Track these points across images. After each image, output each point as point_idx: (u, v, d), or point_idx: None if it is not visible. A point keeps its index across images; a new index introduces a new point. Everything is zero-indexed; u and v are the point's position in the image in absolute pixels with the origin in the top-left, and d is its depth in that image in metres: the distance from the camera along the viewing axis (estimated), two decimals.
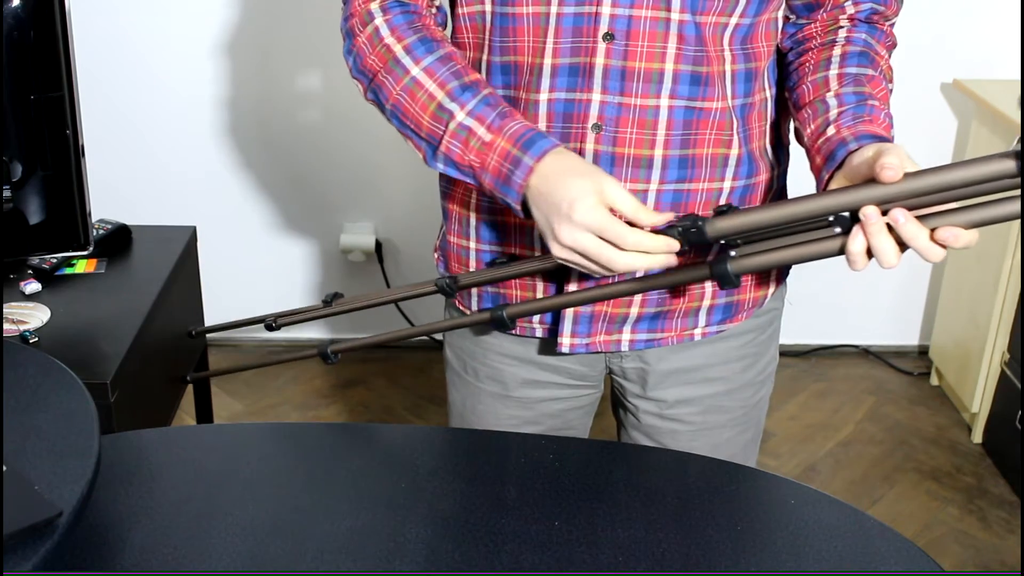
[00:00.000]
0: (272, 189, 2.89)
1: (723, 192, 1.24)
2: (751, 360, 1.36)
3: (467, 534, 1.06)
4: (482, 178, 1.16)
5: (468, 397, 1.42)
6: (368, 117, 2.82)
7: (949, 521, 2.39)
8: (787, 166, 1.35)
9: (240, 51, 2.74)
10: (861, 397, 2.86)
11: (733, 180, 1.24)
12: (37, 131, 1.49)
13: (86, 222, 1.59)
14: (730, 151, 1.22)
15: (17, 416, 1.07)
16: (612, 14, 1.14)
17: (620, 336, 1.29)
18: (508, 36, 1.19)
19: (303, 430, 1.34)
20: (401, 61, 1.19)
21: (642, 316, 1.27)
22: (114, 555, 1.02)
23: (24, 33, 1.43)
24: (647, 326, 1.29)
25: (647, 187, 1.20)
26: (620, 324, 1.28)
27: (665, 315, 1.28)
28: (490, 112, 1.15)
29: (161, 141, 2.83)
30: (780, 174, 1.32)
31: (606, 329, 1.28)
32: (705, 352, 1.33)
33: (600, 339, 1.29)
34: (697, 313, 1.29)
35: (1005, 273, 2.49)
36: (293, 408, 2.79)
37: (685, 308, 1.28)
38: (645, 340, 1.30)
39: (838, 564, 1.04)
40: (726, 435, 1.38)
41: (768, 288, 1.33)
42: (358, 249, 2.93)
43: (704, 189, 1.22)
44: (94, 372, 1.59)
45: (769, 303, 1.35)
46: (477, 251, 1.31)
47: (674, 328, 1.29)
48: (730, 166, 1.23)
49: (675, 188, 1.21)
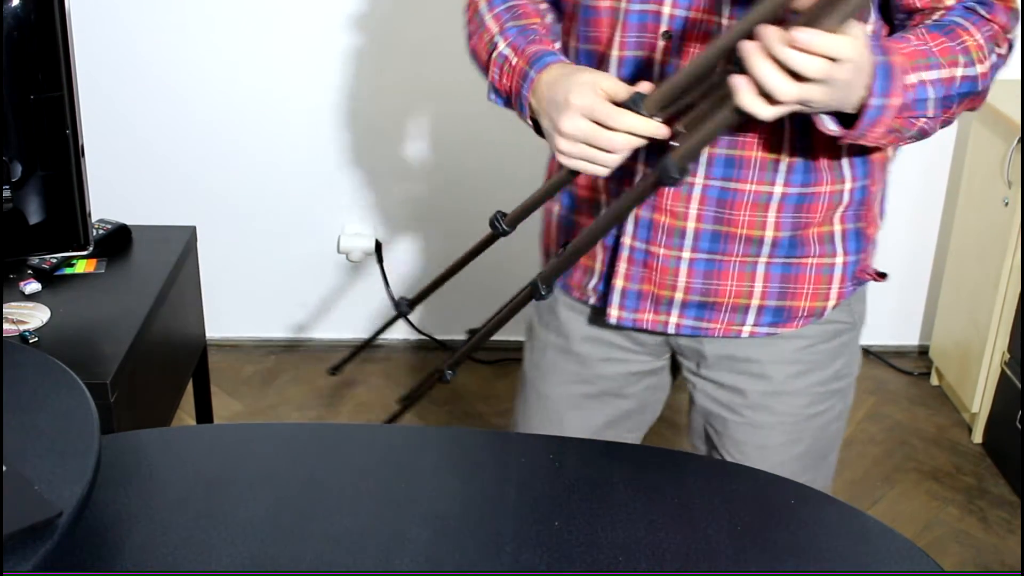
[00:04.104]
0: (272, 189, 2.89)
1: (773, 196, 1.23)
2: (806, 367, 1.34)
3: (467, 534, 1.06)
4: (512, 101, 1.27)
5: (535, 352, 1.48)
6: (368, 117, 2.82)
7: (949, 521, 2.39)
8: (868, 183, 1.28)
9: (239, 51, 2.73)
10: (861, 397, 2.86)
11: (784, 186, 1.23)
12: (37, 131, 1.49)
13: (86, 222, 1.59)
14: (780, 156, 1.22)
15: (17, 416, 1.07)
16: (671, 14, 1.19)
17: (668, 318, 1.31)
18: (589, 26, 1.26)
19: (303, 430, 1.34)
20: (480, 12, 1.33)
21: (688, 302, 1.29)
22: (114, 555, 1.02)
23: (24, 33, 1.43)
24: (694, 313, 1.30)
25: (692, 180, 1.23)
26: (667, 306, 1.30)
27: (712, 306, 1.29)
28: (523, 41, 1.26)
29: (161, 141, 2.82)
30: (856, 189, 1.27)
31: (653, 309, 1.31)
32: (756, 345, 1.33)
33: (648, 317, 1.32)
34: (746, 311, 1.29)
35: (1005, 273, 2.49)
36: (293, 408, 2.79)
37: (733, 303, 1.28)
38: (691, 327, 1.31)
39: (838, 564, 1.04)
40: (775, 440, 1.36)
41: (827, 301, 1.30)
42: (358, 249, 2.93)
43: (752, 191, 1.23)
44: (94, 372, 1.59)
45: (832, 315, 1.32)
46: (558, 215, 1.40)
47: (721, 321, 1.30)
48: (780, 171, 1.23)
49: (721, 185, 1.23)
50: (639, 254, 1.29)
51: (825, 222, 1.26)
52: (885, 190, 1.35)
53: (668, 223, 1.26)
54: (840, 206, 1.26)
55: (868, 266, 1.33)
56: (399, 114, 2.81)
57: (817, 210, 1.25)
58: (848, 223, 1.28)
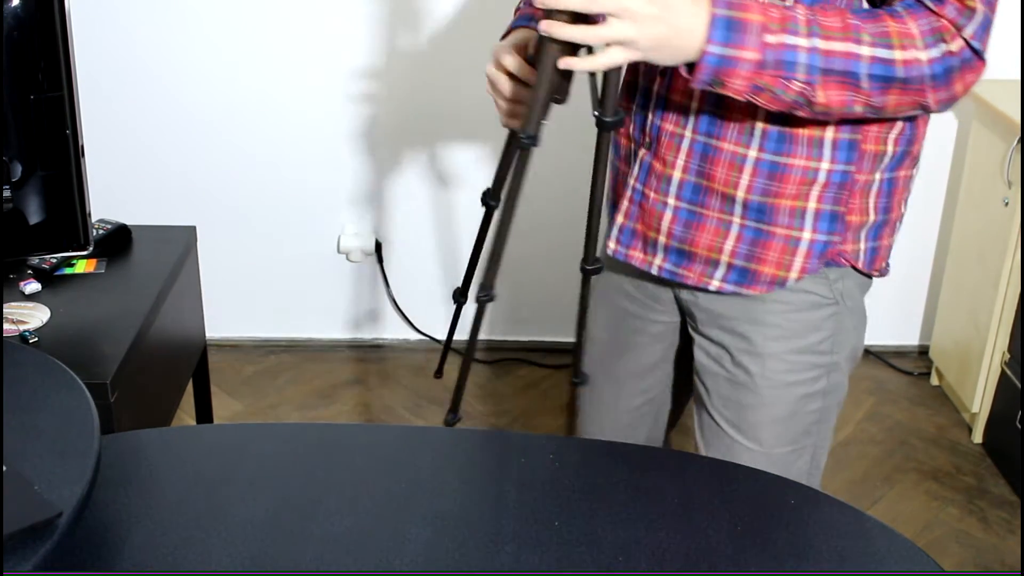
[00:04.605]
0: (272, 189, 2.89)
1: (747, 159, 1.31)
2: (783, 332, 1.40)
3: (467, 534, 1.06)
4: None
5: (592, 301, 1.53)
6: (368, 117, 2.83)
7: (949, 521, 2.39)
8: (852, 169, 1.31)
9: (239, 51, 2.73)
10: (861, 397, 2.86)
11: (759, 150, 1.30)
12: (37, 131, 1.49)
13: (86, 222, 1.59)
14: (756, 121, 1.29)
15: (17, 416, 1.07)
16: None
17: (653, 259, 1.42)
18: None
19: (303, 430, 1.34)
20: None
21: (669, 247, 1.40)
22: (114, 555, 1.02)
23: (24, 33, 1.43)
24: (674, 259, 1.40)
25: (683, 133, 1.34)
26: (653, 248, 1.41)
27: (689, 255, 1.39)
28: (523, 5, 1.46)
29: (161, 141, 2.82)
30: (835, 172, 1.31)
31: (642, 248, 1.43)
32: (739, 305, 1.40)
33: (637, 255, 1.44)
34: (717, 265, 1.38)
35: (1005, 273, 2.49)
36: (293, 408, 2.79)
37: (706, 255, 1.37)
38: (670, 271, 1.41)
39: (838, 564, 1.04)
40: (751, 400, 1.43)
41: (789, 272, 1.35)
42: (358, 249, 2.93)
43: (729, 150, 1.31)
44: (94, 372, 1.59)
45: (808, 286, 1.37)
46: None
47: (695, 271, 1.39)
48: (756, 135, 1.29)
49: (704, 140, 1.32)
50: (637, 195, 1.40)
51: (799, 197, 1.31)
52: (888, 186, 1.36)
53: (660, 169, 1.36)
54: (815, 184, 1.30)
55: (846, 252, 1.36)
56: (399, 114, 2.81)
57: (789, 181, 1.30)
58: (824, 204, 1.32)
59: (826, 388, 1.43)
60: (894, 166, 1.34)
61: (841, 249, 1.35)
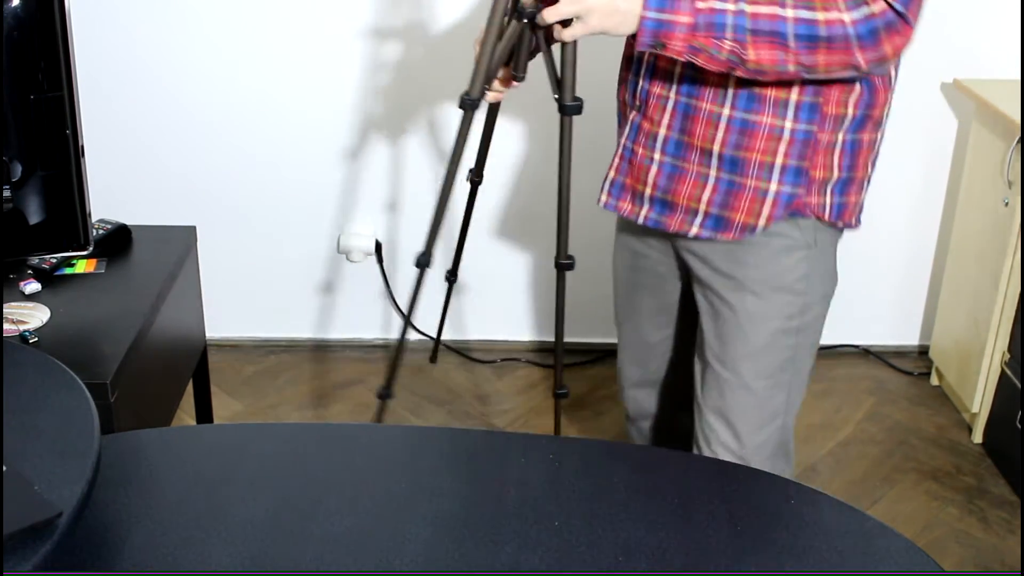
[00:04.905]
0: (272, 189, 2.89)
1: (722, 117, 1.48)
2: (760, 273, 1.56)
3: (467, 534, 1.06)
4: None
5: (614, 252, 1.81)
6: (368, 117, 2.83)
7: (949, 521, 2.39)
8: (814, 128, 1.48)
9: (239, 51, 2.73)
10: (861, 397, 2.86)
11: (731, 109, 1.47)
12: (37, 131, 1.49)
13: (86, 222, 1.59)
14: (729, 84, 1.46)
15: (17, 416, 1.07)
16: None
17: (640, 210, 1.59)
18: None
19: (303, 430, 1.34)
20: None
21: (654, 198, 1.57)
22: (114, 555, 1.02)
23: (24, 33, 1.43)
24: (658, 209, 1.57)
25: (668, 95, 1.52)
26: (640, 199, 1.59)
27: (671, 205, 1.56)
28: None
29: (161, 141, 2.82)
30: (799, 130, 1.47)
31: (630, 200, 1.60)
32: (719, 248, 1.57)
33: (626, 206, 1.61)
34: (696, 214, 1.54)
35: (1005, 273, 2.49)
36: (293, 408, 2.79)
37: (686, 205, 1.55)
38: (655, 220, 1.58)
39: (838, 564, 1.05)
40: (731, 334, 1.60)
41: (758, 219, 1.52)
42: (358, 249, 2.93)
43: (707, 109, 1.48)
44: (94, 372, 1.59)
45: (781, 229, 1.53)
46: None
47: (676, 219, 1.56)
48: (728, 96, 1.47)
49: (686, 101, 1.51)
50: (627, 152, 1.59)
51: (767, 152, 1.48)
52: (852, 147, 1.51)
53: (648, 128, 1.55)
54: (781, 141, 1.48)
55: (811, 204, 1.52)
56: (399, 114, 2.81)
57: (757, 137, 1.47)
58: (790, 159, 1.49)
59: (799, 326, 1.59)
60: (856, 128, 1.50)
61: (806, 201, 1.51)
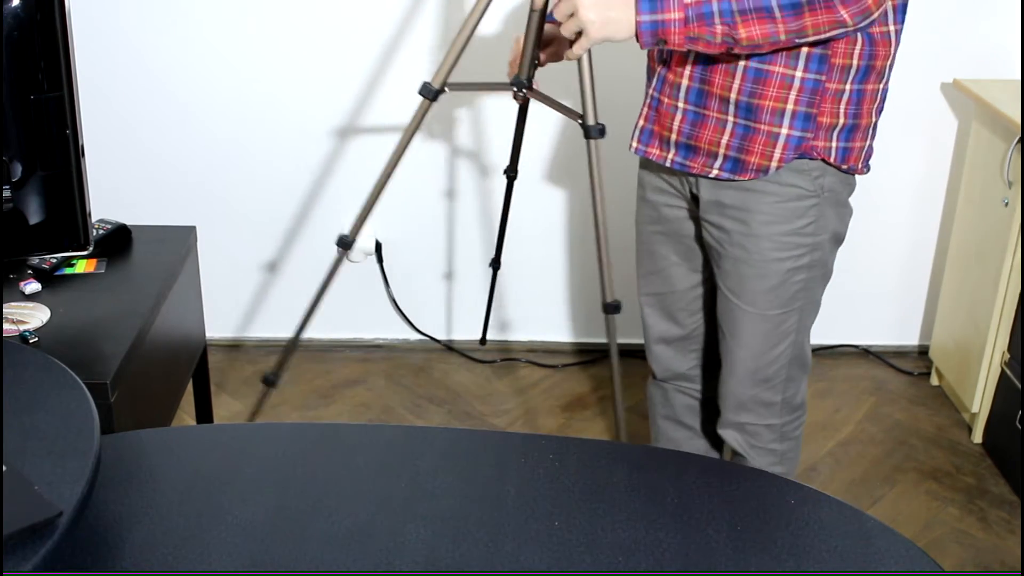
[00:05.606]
0: (272, 189, 2.89)
1: (738, 66, 1.61)
2: (773, 218, 1.68)
3: (467, 534, 1.06)
4: None
5: (638, 203, 1.93)
6: (368, 117, 2.82)
7: (949, 521, 2.39)
8: (823, 78, 1.60)
9: (239, 51, 2.73)
10: (861, 397, 2.86)
11: (746, 59, 1.59)
12: (37, 131, 1.49)
13: (86, 222, 1.59)
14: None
15: (17, 416, 1.07)
16: None
17: (667, 155, 1.74)
18: None
19: (303, 430, 1.34)
20: None
21: (679, 143, 1.71)
22: (114, 555, 1.02)
23: (24, 33, 1.43)
24: (683, 154, 1.72)
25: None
26: (666, 144, 1.73)
27: (695, 149, 1.70)
28: None
29: (161, 141, 2.82)
30: (808, 79, 1.59)
31: (658, 145, 1.75)
32: (734, 194, 1.70)
33: (654, 151, 1.76)
34: (715, 157, 1.68)
35: (1005, 273, 2.49)
36: (293, 408, 2.79)
37: (707, 149, 1.68)
38: (680, 163, 1.73)
39: (838, 564, 1.05)
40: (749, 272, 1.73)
41: (771, 161, 1.65)
42: (358, 249, 2.93)
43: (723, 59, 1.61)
44: (94, 372, 1.59)
45: (789, 179, 1.66)
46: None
47: (698, 163, 1.70)
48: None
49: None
50: (655, 101, 1.73)
51: (779, 99, 1.61)
52: (857, 96, 1.64)
53: (672, 79, 1.68)
54: (792, 89, 1.61)
55: (818, 147, 1.65)
56: (399, 114, 2.81)
57: (770, 85, 1.60)
58: (800, 106, 1.62)
59: (810, 263, 1.74)
60: (861, 78, 1.63)
61: (813, 144, 1.65)
